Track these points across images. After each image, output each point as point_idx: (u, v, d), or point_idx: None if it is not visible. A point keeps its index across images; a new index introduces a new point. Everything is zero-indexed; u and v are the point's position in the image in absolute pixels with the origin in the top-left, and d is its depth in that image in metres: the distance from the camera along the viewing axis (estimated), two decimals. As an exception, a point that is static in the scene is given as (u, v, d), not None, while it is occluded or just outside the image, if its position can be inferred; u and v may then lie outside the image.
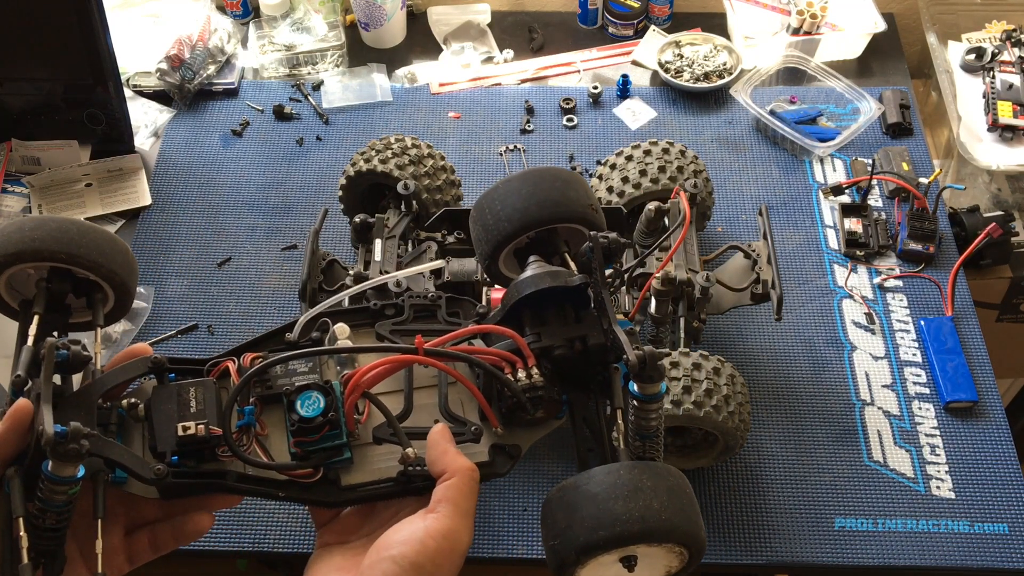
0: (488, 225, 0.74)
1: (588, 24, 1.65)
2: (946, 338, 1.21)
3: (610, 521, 0.59)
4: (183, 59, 1.50)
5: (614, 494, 0.59)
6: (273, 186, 1.41)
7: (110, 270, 0.70)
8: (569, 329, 0.67)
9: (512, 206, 0.73)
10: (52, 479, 0.56)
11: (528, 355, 0.65)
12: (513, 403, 0.65)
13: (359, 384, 0.62)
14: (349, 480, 0.64)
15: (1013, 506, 1.09)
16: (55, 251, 0.67)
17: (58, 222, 0.69)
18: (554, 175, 0.76)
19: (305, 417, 0.61)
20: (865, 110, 1.44)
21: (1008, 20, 1.55)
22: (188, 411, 0.63)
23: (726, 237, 1.33)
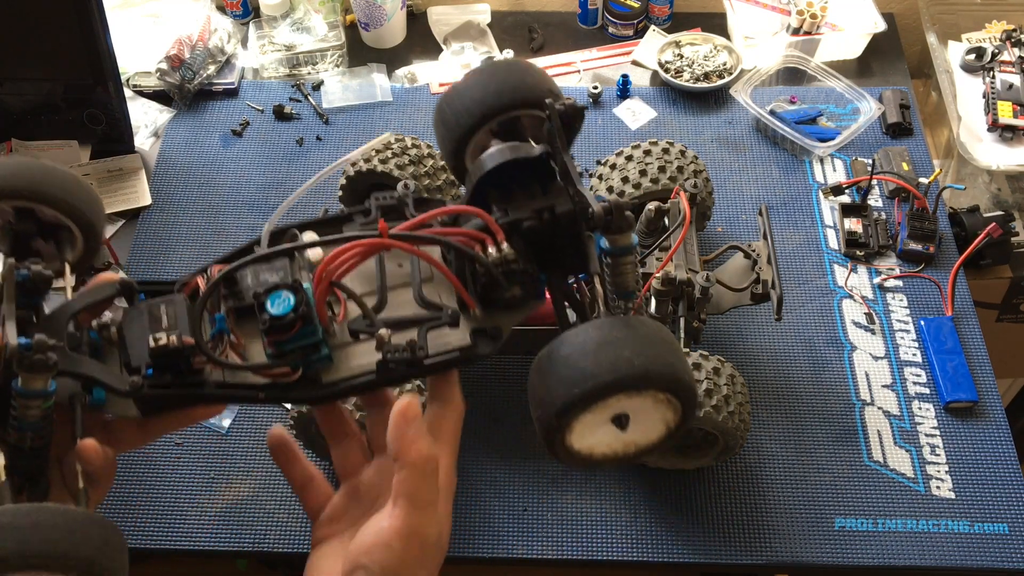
0: (448, 121, 0.72)
1: (588, 24, 1.65)
2: (946, 338, 1.21)
3: (581, 377, 0.57)
4: (183, 59, 1.50)
5: (583, 351, 0.58)
6: (273, 186, 1.41)
7: (75, 207, 0.67)
8: (535, 201, 0.65)
9: (471, 98, 0.71)
10: (23, 394, 0.56)
11: (496, 230, 0.63)
12: (487, 282, 0.63)
13: (326, 272, 0.60)
14: (330, 378, 0.63)
15: (1013, 506, 1.09)
16: (18, 188, 0.65)
17: (18, 161, 0.67)
18: (510, 64, 0.74)
19: (275, 315, 0.59)
20: (865, 110, 1.44)
21: (1008, 20, 1.55)
22: (159, 326, 0.62)
23: (726, 237, 1.33)
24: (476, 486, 1.11)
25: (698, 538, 1.07)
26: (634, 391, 0.58)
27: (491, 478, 1.12)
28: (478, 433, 1.15)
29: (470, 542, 1.07)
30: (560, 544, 1.07)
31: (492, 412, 1.17)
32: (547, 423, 0.59)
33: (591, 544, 1.07)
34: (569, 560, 1.06)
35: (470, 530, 1.08)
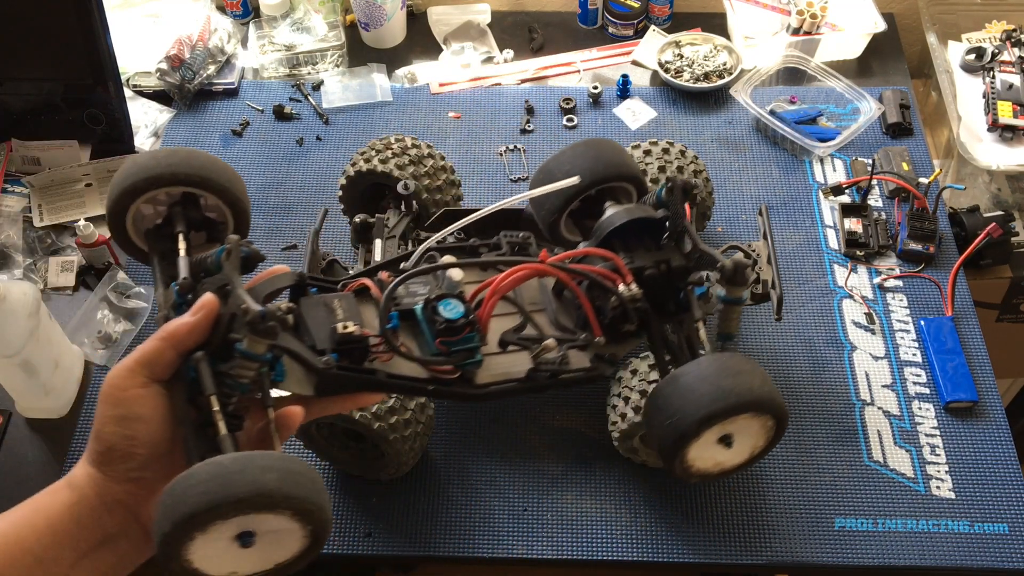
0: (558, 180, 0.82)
1: (588, 24, 1.65)
2: (946, 338, 1.21)
3: (723, 394, 0.68)
4: (183, 59, 1.50)
5: (723, 374, 0.70)
6: (273, 186, 1.41)
7: (235, 195, 0.73)
8: (654, 254, 0.78)
9: (581, 166, 0.82)
10: (247, 355, 0.60)
11: (626, 273, 0.74)
12: (614, 316, 0.74)
13: (499, 289, 0.69)
14: (481, 380, 0.71)
15: (1013, 506, 1.09)
16: (190, 175, 0.70)
17: (187, 151, 0.72)
18: (610, 143, 0.86)
19: (450, 318, 0.68)
20: (865, 110, 1.44)
21: (1008, 20, 1.55)
22: (337, 317, 0.68)
23: (726, 237, 1.33)
24: (476, 486, 1.11)
25: (698, 538, 1.07)
26: (758, 413, 0.71)
27: (491, 478, 1.12)
28: (478, 433, 1.15)
29: (470, 542, 1.07)
30: (560, 544, 1.07)
31: (492, 412, 1.17)
32: (684, 428, 0.69)
33: (591, 544, 1.07)
34: (569, 560, 1.06)
35: (470, 530, 1.08)
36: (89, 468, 0.61)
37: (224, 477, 0.53)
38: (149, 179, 0.70)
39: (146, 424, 0.60)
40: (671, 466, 0.73)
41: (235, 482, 0.53)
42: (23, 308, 1.04)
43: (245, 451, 0.59)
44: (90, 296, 1.27)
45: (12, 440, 1.16)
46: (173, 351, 0.61)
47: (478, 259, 0.76)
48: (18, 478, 1.13)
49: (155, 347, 0.61)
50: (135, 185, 0.70)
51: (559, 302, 0.78)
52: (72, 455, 1.14)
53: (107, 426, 0.60)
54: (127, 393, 0.60)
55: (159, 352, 0.61)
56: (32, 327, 1.06)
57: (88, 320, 1.25)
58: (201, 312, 0.61)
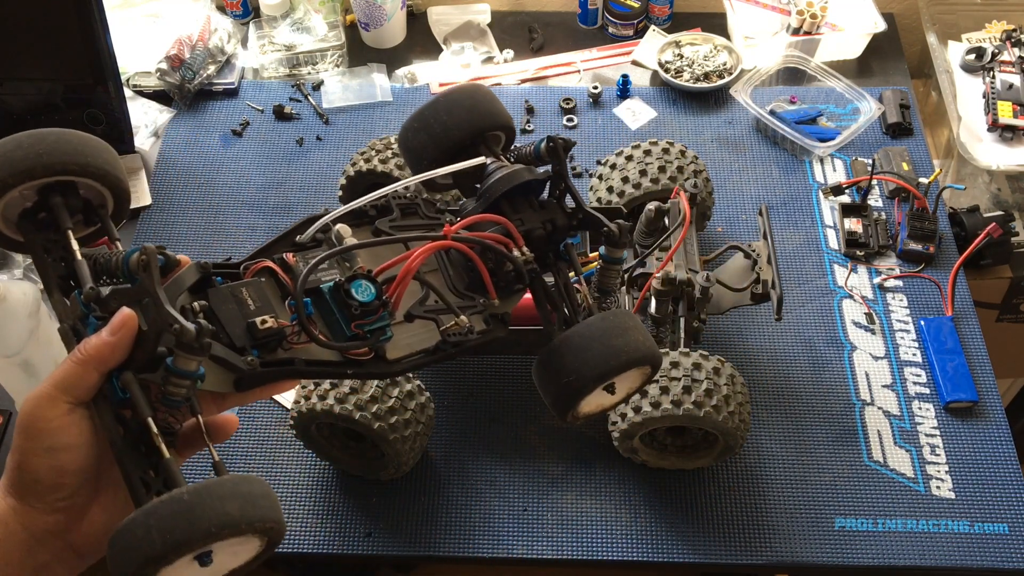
0: (436, 133, 0.83)
1: (588, 24, 1.65)
2: (946, 338, 1.21)
3: (615, 352, 0.73)
4: (183, 59, 1.50)
5: (612, 333, 0.74)
6: (273, 186, 1.41)
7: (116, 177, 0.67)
8: (540, 214, 0.80)
9: (459, 116, 0.83)
10: (180, 373, 0.59)
11: (518, 238, 0.77)
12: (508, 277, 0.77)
13: (409, 270, 0.70)
14: (393, 356, 0.72)
15: (1013, 506, 1.09)
16: (67, 163, 0.63)
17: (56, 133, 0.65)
18: (484, 90, 0.87)
19: (364, 301, 0.68)
20: (865, 110, 1.44)
21: (1008, 20, 1.55)
22: (249, 309, 0.67)
23: (726, 237, 1.33)
24: (476, 486, 1.11)
25: (698, 538, 1.07)
26: (647, 365, 0.76)
27: (491, 478, 1.12)
28: (478, 433, 1.15)
29: (470, 542, 1.07)
30: (560, 544, 1.07)
31: (492, 412, 1.17)
32: (579, 388, 0.73)
33: (591, 544, 1.07)
34: (569, 560, 1.06)
35: (470, 530, 1.08)
36: (11, 500, 0.58)
37: (187, 514, 0.52)
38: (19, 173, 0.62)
39: (74, 452, 0.57)
40: (564, 417, 0.78)
41: (199, 517, 0.52)
42: (23, 308, 1.04)
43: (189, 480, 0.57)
44: (90, 296, 1.27)
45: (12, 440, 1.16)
46: (95, 373, 0.58)
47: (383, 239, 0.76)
48: (18, 478, 1.13)
49: (76, 371, 0.57)
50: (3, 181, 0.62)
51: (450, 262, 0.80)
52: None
53: (32, 459, 0.57)
54: (52, 424, 0.57)
55: (80, 376, 0.57)
56: (32, 327, 1.06)
57: (88, 320, 1.25)
58: (122, 331, 0.58)
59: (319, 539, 1.07)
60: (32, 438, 0.57)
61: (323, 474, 1.12)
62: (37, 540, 0.58)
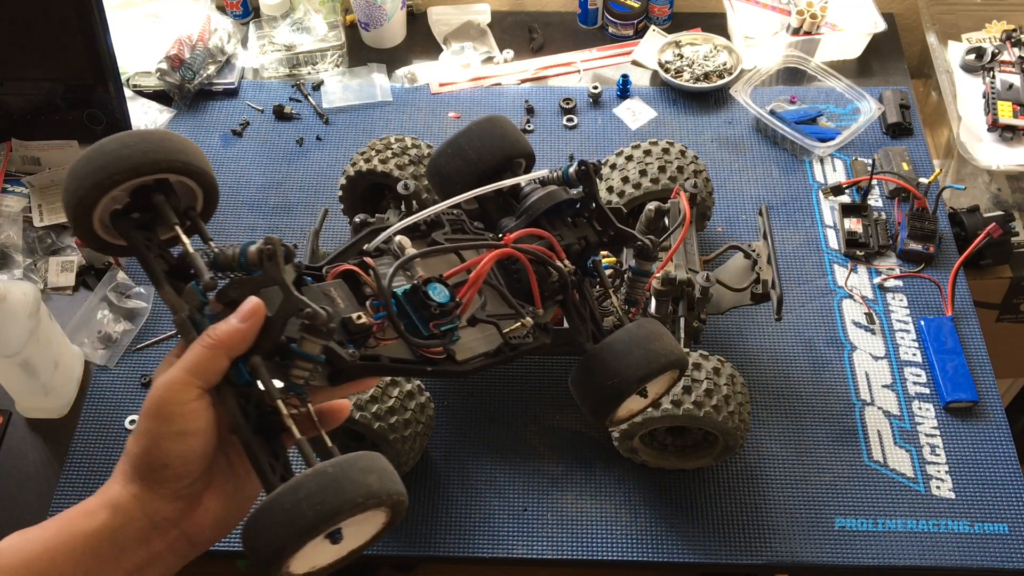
0: (471, 159, 0.89)
1: (588, 24, 1.65)
2: (946, 338, 1.21)
3: (655, 356, 0.79)
4: (183, 59, 1.50)
5: (650, 339, 0.80)
6: (273, 186, 1.41)
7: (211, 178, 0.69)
8: (574, 232, 0.87)
9: (492, 143, 0.90)
10: (306, 356, 0.62)
11: (560, 251, 0.83)
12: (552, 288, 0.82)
13: (480, 274, 0.75)
14: (461, 356, 0.75)
15: (1013, 506, 1.09)
16: (172, 161, 0.65)
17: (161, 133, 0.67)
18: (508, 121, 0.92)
19: (441, 303, 0.72)
20: (865, 110, 1.44)
21: (1008, 20, 1.55)
22: (340, 306, 0.69)
23: (726, 237, 1.33)
24: (476, 486, 1.11)
25: (698, 538, 1.07)
26: (675, 369, 0.81)
27: (491, 478, 1.12)
28: (478, 433, 1.15)
29: (470, 542, 1.07)
30: (560, 544, 1.07)
31: (492, 412, 1.17)
32: (623, 389, 0.79)
33: (591, 544, 1.07)
34: (569, 560, 1.06)
35: (470, 530, 1.08)
36: (134, 488, 0.58)
37: (335, 486, 0.55)
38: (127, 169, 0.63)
39: (201, 438, 0.58)
40: (602, 422, 0.82)
41: (345, 489, 0.55)
42: (23, 308, 1.05)
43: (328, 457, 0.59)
44: (90, 296, 1.27)
45: (12, 440, 1.16)
46: (225, 358, 0.59)
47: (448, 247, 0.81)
48: (18, 478, 1.13)
49: (207, 355, 0.59)
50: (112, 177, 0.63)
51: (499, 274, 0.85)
52: (72, 455, 1.13)
53: (163, 443, 0.57)
54: (184, 408, 0.57)
55: (212, 360, 0.59)
56: (32, 327, 1.06)
57: (88, 320, 1.25)
58: (252, 318, 0.60)
59: (319, 539, 1.07)
60: (165, 422, 0.58)
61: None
62: (156, 528, 0.59)
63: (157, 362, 1.22)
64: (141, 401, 1.17)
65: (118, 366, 1.22)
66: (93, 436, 1.15)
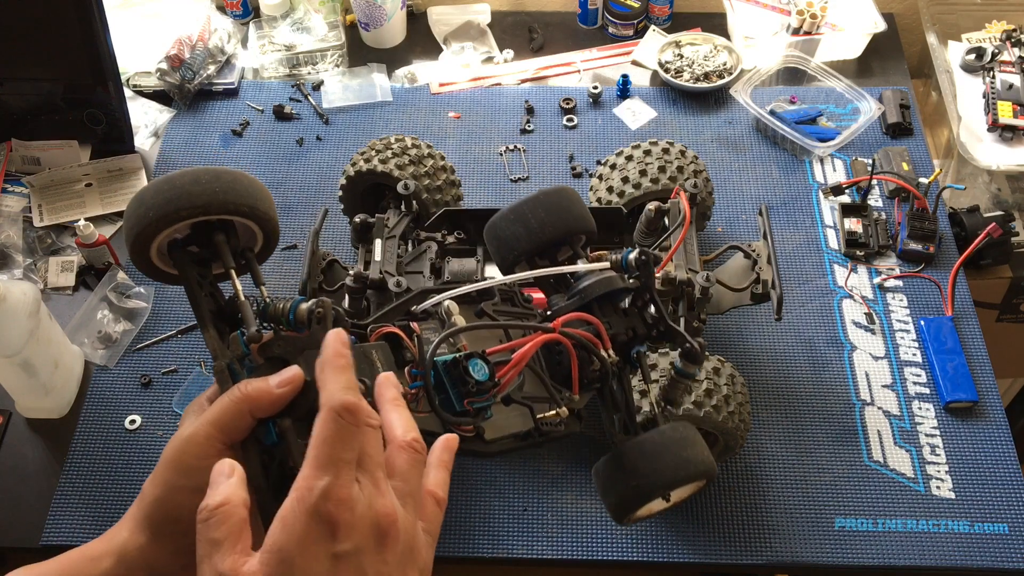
0: (532, 228, 0.88)
1: (588, 24, 1.65)
2: (946, 338, 1.21)
3: (684, 463, 0.79)
4: (183, 59, 1.50)
5: (683, 445, 0.80)
6: (273, 186, 1.41)
7: (275, 223, 0.69)
8: (624, 321, 0.85)
9: (556, 215, 0.88)
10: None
11: (607, 339, 0.81)
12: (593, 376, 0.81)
13: (524, 356, 0.74)
14: (490, 436, 0.75)
15: (1013, 506, 1.09)
16: (239, 204, 0.65)
17: (233, 174, 0.67)
18: (575, 194, 0.92)
19: (480, 380, 0.71)
20: (865, 110, 1.44)
21: (1008, 20, 1.55)
22: (378, 370, 0.68)
23: (726, 237, 1.33)
24: (476, 486, 1.11)
25: (698, 538, 1.07)
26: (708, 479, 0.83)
27: (491, 478, 1.12)
28: (478, 433, 1.15)
29: (470, 542, 1.07)
30: (560, 544, 1.07)
31: (492, 412, 1.17)
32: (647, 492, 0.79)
33: (591, 544, 1.07)
34: (569, 560, 1.06)
35: (470, 530, 1.08)
36: (141, 539, 0.57)
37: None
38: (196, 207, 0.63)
39: None
40: (621, 520, 0.82)
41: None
42: (23, 308, 1.04)
43: None
44: (90, 296, 1.27)
45: (12, 440, 1.16)
46: (250, 417, 0.57)
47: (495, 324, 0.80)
48: (18, 478, 1.13)
49: (235, 410, 0.56)
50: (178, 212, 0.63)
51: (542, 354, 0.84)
52: (72, 455, 1.13)
53: (177, 496, 0.55)
54: (204, 463, 0.54)
55: (239, 417, 0.56)
56: (32, 327, 1.06)
57: (88, 320, 1.25)
58: (289, 386, 0.57)
59: (319, 539, 1.07)
60: (183, 475, 0.55)
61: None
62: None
63: (157, 362, 1.22)
64: (141, 401, 1.18)
65: (118, 366, 1.22)
66: (93, 436, 1.15)
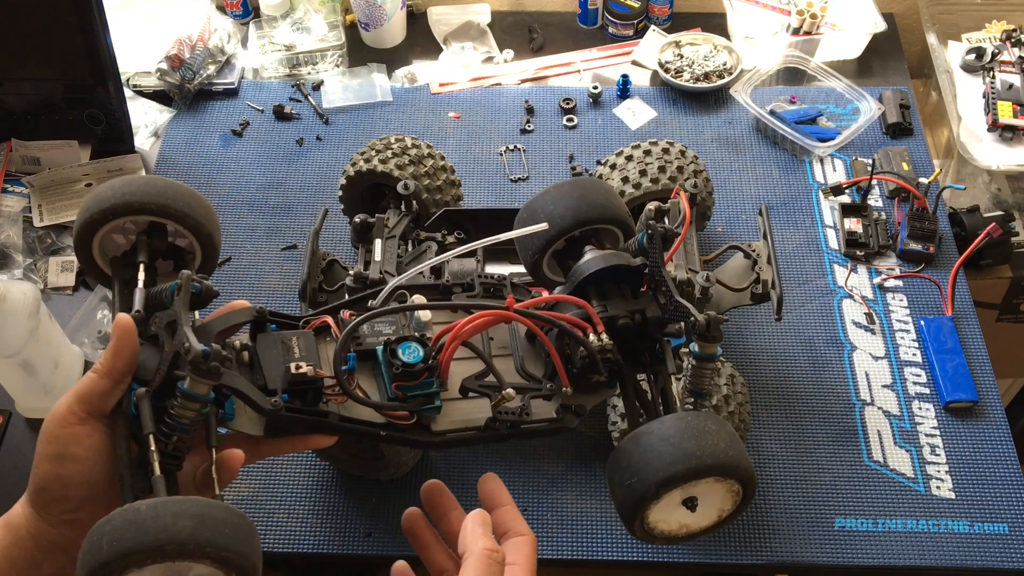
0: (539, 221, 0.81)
1: (588, 24, 1.65)
2: (946, 338, 1.21)
3: (685, 456, 0.65)
4: (183, 59, 1.50)
5: (686, 435, 0.66)
6: (273, 186, 1.41)
7: (196, 221, 0.72)
8: (629, 303, 0.75)
9: (566, 206, 0.81)
10: (188, 395, 0.59)
11: (598, 322, 0.72)
12: (583, 366, 0.71)
13: (460, 334, 0.67)
14: (439, 427, 0.69)
15: (1013, 506, 1.09)
16: (145, 203, 0.70)
17: (145, 178, 0.73)
18: (598, 184, 0.85)
19: (408, 363, 0.66)
20: (865, 110, 1.44)
21: (1008, 20, 1.55)
22: (293, 356, 0.67)
23: (726, 237, 1.33)
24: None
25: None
26: (721, 477, 0.67)
27: (491, 478, 1.12)
28: (478, 433, 1.15)
29: (470, 542, 1.07)
30: (560, 544, 1.07)
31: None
32: (642, 491, 0.66)
33: (591, 544, 1.07)
34: (569, 560, 1.06)
35: (470, 530, 1.08)
36: (27, 509, 0.59)
37: (137, 524, 0.51)
38: (105, 210, 0.70)
39: (80, 464, 0.58)
40: (631, 527, 0.70)
41: (147, 530, 0.51)
42: (23, 308, 1.05)
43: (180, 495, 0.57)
44: (90, 296, 1.27)
45: (12, 440, 1.16)
46: (107, 380, 0.59)
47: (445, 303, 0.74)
48: (18, 478, 1.13)
49: (91, 378, 0.59)
50: (93, 217, 0.71)
51: (531, 348, 0.76)
52: (72, 455, 1.13)
53: (41, 465, 0.58)
54: (64, 431, 0.58)
55: (94, 383, 0.59)
56: (32, 327, 1.06)
57: (88, 320, 1.25)
58: (116, 334, 0.59)
59: (319, 539, 1.07)
60: (45, 443, 0.58)
61: (323, 474, 1.12)
62: (43, 552, 0.58)
63: (157, 362, 1.22)
64: (141, 401, 1.18)
65: (118, 366, 1.22)
66: (93, 436, 1.15)
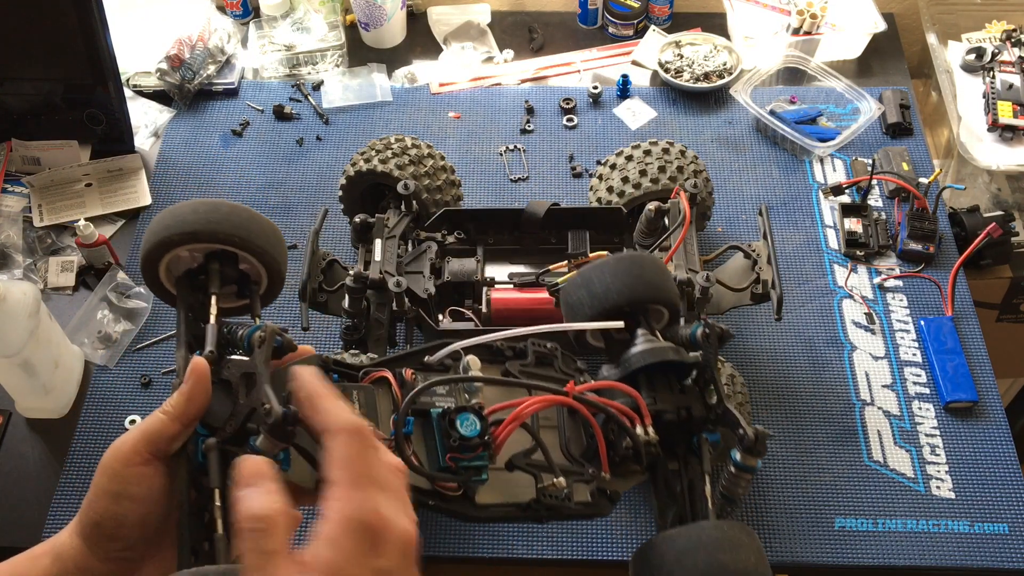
0: (596, 292, 0.83)
1: (588, 24, 1.65)
2: (946, 338, 1.21)
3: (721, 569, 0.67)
4: (183, 59, 1.50)
5: (722, 547, 0.68)
6: (273, 186, 1.41)
7: (273, 258, 0.72)
8: (677, 398, 0.77)
9: (623, 283, 0.83)
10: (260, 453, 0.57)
11: (647, 415, 0.74)
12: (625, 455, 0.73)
13: (520, 416, 0.68)
14: (481, 499, 0.69)
15: (1013, 506, 1.09)
16: (230, 234, 0.69)
17: (229, 206, 0.71)
18: (654, 262, 0.87)
19: (465, 436, 0.66)
20: (865, 110, 1.44)
21: (1008, 20, 1.55)
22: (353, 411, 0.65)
23: (726, 237, 1.33)
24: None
25: (698, 538, 1.07)
26: None
27: (491, 478, 1.12)
28: (478, 433, 1.15)
29: (470, 542, 1.07)
30: (560, 544, 1.07)
31: (492, 412, 1.17)
32: None
33: (591, 544, 1.07)
34: (569, 560, 1.06)
35: (470, 530, 1.08)
36: (76, 539, 0.58)
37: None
38: (186, 234, 0.68)
39: (138, 504, 0.57)
40: None
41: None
42: (23, 308, 1.05)
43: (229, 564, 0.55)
44: (90, 296, 1.27)
45: (12, 440, 1.16)
46: (176, 424, 0.58)
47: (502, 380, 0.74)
48: (18, 478, 1.13)
49: (158, 420, 0.58)
50: (171, 238, 0.68)
51: (573, 425, 0.77)
52: (72, 455, 1.13)
53: (100, 501, 0.57)
54: (128, 470, 0.57)
55: (163, 425, 0.58)
56: (32, 327, 1.06)
57: (88, 320, 1.25)
58: (191, 379, 0.58)
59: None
60: (106, 478, 0.57)
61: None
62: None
63: (157, 362, 1.22)
64: (141, 401, 1.18)
65: (118, 366, 1.22)
66: (93, 436, 1.15)
